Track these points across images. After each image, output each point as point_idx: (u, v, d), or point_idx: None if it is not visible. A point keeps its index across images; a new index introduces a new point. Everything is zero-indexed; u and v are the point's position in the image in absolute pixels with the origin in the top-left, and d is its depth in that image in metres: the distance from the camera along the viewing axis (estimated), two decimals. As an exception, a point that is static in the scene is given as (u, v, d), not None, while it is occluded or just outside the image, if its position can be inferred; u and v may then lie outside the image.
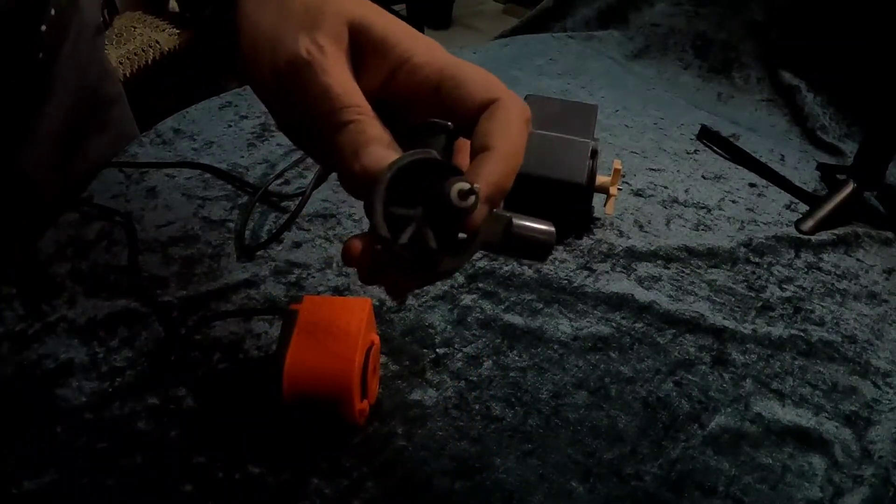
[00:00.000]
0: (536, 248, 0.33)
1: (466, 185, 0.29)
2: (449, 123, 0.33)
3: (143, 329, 0.52)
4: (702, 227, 0.68)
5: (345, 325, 0.44)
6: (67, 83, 0.62)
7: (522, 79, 0.92)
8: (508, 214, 0.32)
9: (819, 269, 0.64)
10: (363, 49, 0.33)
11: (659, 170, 0.76)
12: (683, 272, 0.62)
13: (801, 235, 0.67)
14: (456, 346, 0.53)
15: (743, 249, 0.65)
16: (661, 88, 0.94)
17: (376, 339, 0.47)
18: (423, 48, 0.33)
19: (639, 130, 0.83)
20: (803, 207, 0.72)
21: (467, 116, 0.33)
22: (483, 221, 0.31)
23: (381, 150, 0.31)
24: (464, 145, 0.35)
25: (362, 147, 0.31)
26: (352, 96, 0.32)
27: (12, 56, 0.54)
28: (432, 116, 0.33)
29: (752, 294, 0.60)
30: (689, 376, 0.52)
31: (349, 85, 0.33)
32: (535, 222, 0.33)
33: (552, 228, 0.33)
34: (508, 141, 0.32)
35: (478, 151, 0.32)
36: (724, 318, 0.57)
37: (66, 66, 0.62)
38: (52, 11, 0.57)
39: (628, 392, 0.51)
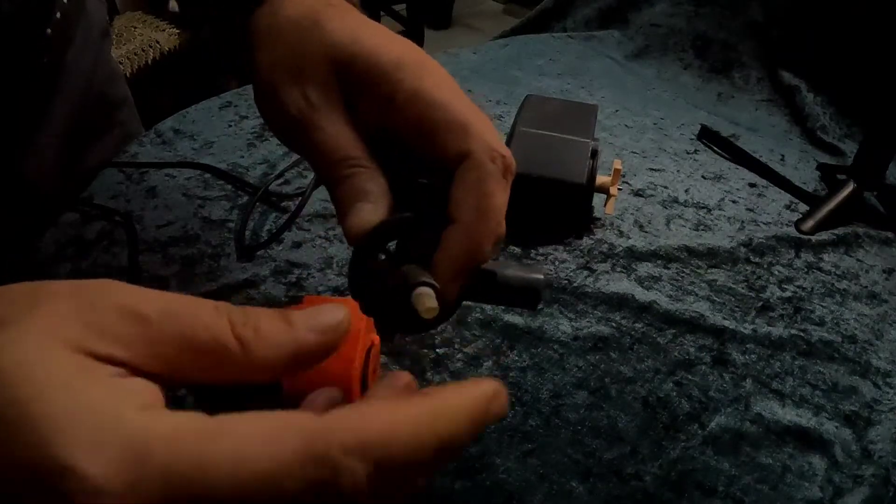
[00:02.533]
0: (524, 298, 0.32)
1: (425, 290, 0.29)
2: (428, 182, 0.32)
3: (144, 329, 0.52)
4: (702, 227, 0.68)
5: (344, 325, 0.44)
6: (73, 86, 0.62)
7: (522, 79, 0.92)
8: (493, 269, 0.31)
9: (819, 269, 0.64)
10: (352, 88, 0.32)
11: (659, 170, 0.76)
12: (683, 272, 0.62)
13: (801, 235, 0.67)
14: (456, 346, 0.53)
15: (743, 249, 0.65)
16: (661, 88, 0.94)
17: (376, 339, 0.46)
18: (408, 81, 0.31)
19: (639, 130, 0.83)
20: (803, 207, 0.72)
21: (447, 170, 0.31)
22: (459, 289, 0.30)
23: (365, 211, 0.31)
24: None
25: (350, 205, 0.31)
26: (345, 149, 0.32)
27: (17, 60, 0.54)
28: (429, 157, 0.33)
29: (752, 294, 0.60)
30: (689, 376, 0.52)
31: (342, 137, 0.32)
32: (523, 271, 0.32)
33: (541, 276, 0.32)
34: (474, 210, 0.30)
35: (450, 221, 0.30)
36: (724, 318, 0.57)
37: (71, 69, 0.62)
38: (58, 15, 0.57)
39: (628, 392, 0.51)
